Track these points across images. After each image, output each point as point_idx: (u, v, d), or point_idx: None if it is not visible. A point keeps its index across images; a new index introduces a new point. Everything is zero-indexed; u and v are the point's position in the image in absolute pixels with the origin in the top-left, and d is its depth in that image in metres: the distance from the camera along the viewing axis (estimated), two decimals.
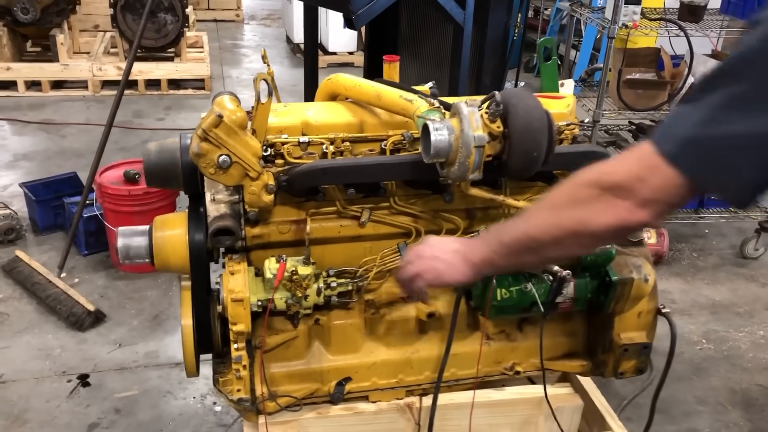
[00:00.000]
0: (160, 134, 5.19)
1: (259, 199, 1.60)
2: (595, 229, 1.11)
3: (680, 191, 1.02)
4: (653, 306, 1.93)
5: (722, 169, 0.99)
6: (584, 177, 1.13)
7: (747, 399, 2.81)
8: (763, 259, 3.84)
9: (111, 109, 3.34)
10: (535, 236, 1.20)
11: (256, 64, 7.20)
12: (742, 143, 0.95)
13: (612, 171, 1.09)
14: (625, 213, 1.07)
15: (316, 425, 1.89)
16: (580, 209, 1.12)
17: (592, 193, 1.10)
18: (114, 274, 3.39)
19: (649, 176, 1.03)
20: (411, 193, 1.80)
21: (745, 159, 0.96)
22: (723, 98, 0.96)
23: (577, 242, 1.17)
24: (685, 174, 1.00)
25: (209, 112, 1.52)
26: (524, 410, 2.03)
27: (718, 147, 0.97)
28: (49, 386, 2.65)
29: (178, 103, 5.91)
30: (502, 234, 1.29)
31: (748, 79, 0.94)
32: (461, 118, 1.43)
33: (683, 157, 1.00)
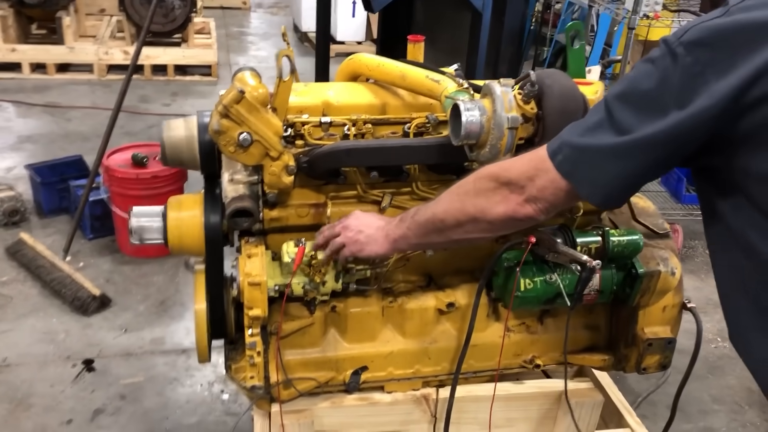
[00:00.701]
0: (166, 119, 5.12)
1: (279, 180, 1.54)
2: (491, 218, 1.27)
3: (559, 193, 1.17)
4: (678, 300, 1.87)
5: (586, 172, 1.13)
6: (488, 170, 1.28)
7: (763, 399, 2.75)
8: None
9: (119, 93, 3.28)
10: (443, 218, 1.35)
11: (262, 52, 7.15)
12: (601, 154, 1.10)
13: (509, 168, 1.24)
14: (515, 206, 1.22)
15: (330, 415, 1.84)
16: (480, 198, 1.28)
17: (491, 185, 1.25)
18: (120, 258, 3.34)
19: (537, 176, 1.18)
20: (433, 179, 1.74)
21: (605, 167, 1.10)
22: (601, 118, 1.10)
23: (476, 227, 1.32)
24: (559, 172, 1.14)
25: (230, 88, 1.47)
26: (543, 405, 1.98)
27: (584, 153, 1.12)
28: (54, 371, 2.60)
29: (185, 89, 5.85)
30: (417, 214, 1.43)
31: (622, 110, 1.08)
32: (494, 99, 1.37)
33: (558, 155, 1.15)
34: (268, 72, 5.91)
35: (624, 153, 1.07)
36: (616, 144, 1.07)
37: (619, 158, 1.08)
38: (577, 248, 1.70)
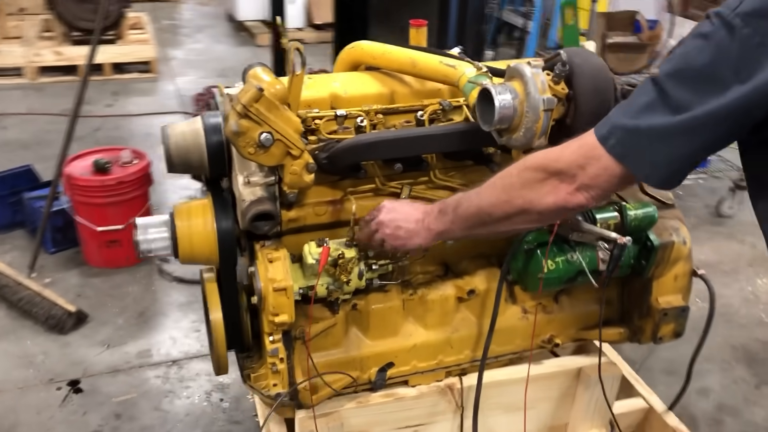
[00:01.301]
0: (111, 121, 4.91)
1: (300, 179, 1.47)
2: (541, 209, 1.25)
3: (613, 179, 1.15)
4: (689, 268, 1.91)
5: (642, 153, 1.10)
6: (534, 161, 1.25)
7: (749, 354, 2.86)
8: (737, 216, 3.92)
9: (76, 95, 3.11)
10: (490, 212, 1.32)
11: (199, 45, 6.92)
12: (659, 134, 1.07)
13: (558, 158, 1.21)
14: (566, 196, 1.20)
15: (357, 415, 1.80)
16: (528, 190, 1.25)
17: (539, 176, 1.23)
18: (88, 271, 3.17)
19: (588, 165, 1.16)
20: (449, 166, 1.71)
21: (662, 147, 1.08)
22: (653, 98, 1.08)
23: (525, 219, 1.29)
24: (612, 156, 1.12)
25: (246, 86, 1.38)
26: (563, 383, 1.99)
27: (640, 135, 1.09)
28: (37, 396, 2.45)
29: (125, 88, 5.61)
30: (458, 207, 1.40)
31: (676, 87, 1.06)
32: (525, 81, 1.34)
33: (609, 139, 1.12)
34: (209, 64, 5.78)
35: (684, 131, 1.05)
36: (675, 123, 1.05)
37: (678, 137, 1.06)
38: (597, 225, 1.70)
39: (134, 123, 4.97)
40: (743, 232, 3.79)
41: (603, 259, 1.75)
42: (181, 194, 3.89)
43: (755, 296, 3.25)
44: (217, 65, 6.27)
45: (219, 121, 1.55)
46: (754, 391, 2.65)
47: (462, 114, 1.63)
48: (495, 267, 1.86)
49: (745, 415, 2.54)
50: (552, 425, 2.05)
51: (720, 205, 3.91)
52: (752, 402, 2.60)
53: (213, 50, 6.77)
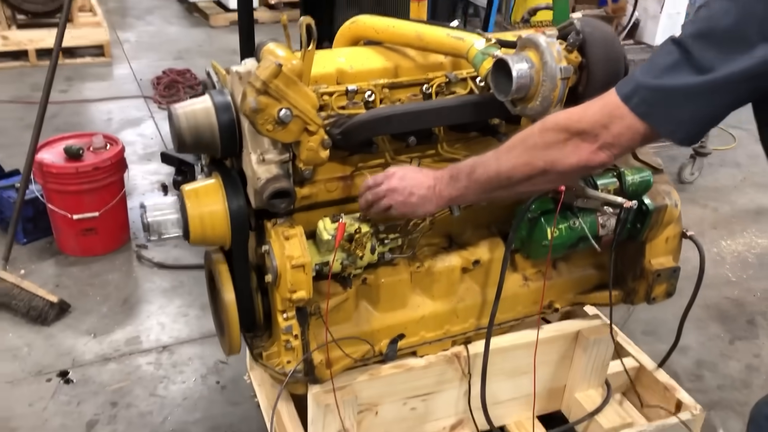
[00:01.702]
0: (68, 107, 4.76)
1: (316, 155, 1.48)
2: (563, 169, 1.27)
3: (636, 136, 1.19)
4: (679, 230, 1.98)
5: (666, 112, 1.14)
6: (555, 122, 1.27)
7: (720, 312, 2.99)
8: (698, 182, 4.07)
9: (45, 81, 3.01)
10: (510, 175, 1.34)
11: (151, 27, 6.74)
12: (684, 93, 1.11)
13: (580, 118, 1.23)
14: (589, 155, 1.23)
15: (368, 387, 1.83)
16: (550, 151, 1.27)
17: (561, 137, 1.25)
18: (64, 260, 3.10)
19: (611, 123, 1.19)
20: (453, 138, 1.73)
21: (686, 106, 1.12)
22: (677, 58, 1.12)
23: (546, 179, 1.33)
24: (636, 114, 1.15)
25: (264, 62, 1.38)
26: (561, 347, 2.05)
27: (664, 94, 1.13)
28: (28, 389, 2.40)
29: (78, 72, 5.43)
30: (473, 172, 1.41)
31: (701, 48, 1.10)
32: (541, 51, 1.37)
33: (633, 98, 1.16)
34: (163, 47, 5.66)
35: (709, 90, 1.10)
36: (700, 82, 1.09)
37: (703, 96, 1.11)
38: (598, 191, 1.75)
39: (93, 109, 4.84)
40: (705, 197, 3.94)
41: (602, 224, 1.82)
42: (151, 179, 3.83)
43: (721, 257, 3.39)
44: (172, 47, 6.13)
45: (229, 99, 1.54)
46: (729, 346, 2.79)
47: (467, 86, 1.66)
48: (497, 236, 1.90)
49: (722, 369, 2.67)
50: (551, 387, 2.12)
51: (681, 172, 4.05)
52: (727, 356, 2.73)
53: (166, 32, 6.61)
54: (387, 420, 1.91)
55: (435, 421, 1.99)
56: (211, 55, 5.93)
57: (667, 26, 3.41)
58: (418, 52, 1.72)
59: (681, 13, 3.42)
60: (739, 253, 3.42)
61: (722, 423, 2.40)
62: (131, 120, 4.64)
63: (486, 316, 1.89)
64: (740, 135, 4.55)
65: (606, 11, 3.59)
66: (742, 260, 3.37)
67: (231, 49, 6.03)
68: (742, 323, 2.92)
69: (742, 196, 3.98)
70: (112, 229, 3.14)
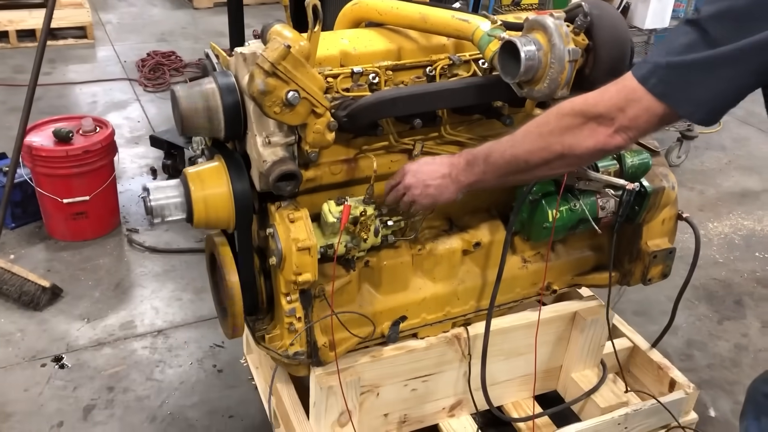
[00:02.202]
0: (52, 90, 4.68)
1: (323, 137, 1.48)
2: (580, 152, 1.29)
3: (653, 119, 1.19)
4: (674, 212, 2.01)
5: (685, 91, 1.14)
6: (571, 106, 1.28)
7: (708, 293, 3.04)
8: (684, 165, 4.12)
9: (34, 63, 2.94)
10: (527, 159, 1.36)
11: (133, 8, 6.63)
12: (702, 67, 1.11)
13: (597, 102, 1.24)
14: (605, 138, 1.24)
15: (370, 369, 1.84)
16: (567, 135, 1.28)
17: (577, 121, 1.26)
18: (54, 245, 3.06)
19: (628, 107, 1.20)
20: (456, 120, 1.73)
21: (705, 83, 1.12)
22: (693, 38, 1.12)
23: (563, 163, 1.34)
24: (654, 95, 1.16)
25: (272, 44, 1.37)
26: (559, 327, 2.08)
27: (683, 70, 1.13)
28: (22, 374, 2.38)
29: (61, 54, 5.34)
30: (490, 156, 1.42)
31: (718, 27, 1.10)
32: (549, 33, 1.38)
33: (650, 79, 1.16)
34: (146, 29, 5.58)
35: (726, 62, 1.08)
36: (718, 53, 1.08)
37: (721, 68, 1.09)
38: (600, 173, 1.77)
39: (77, 91, 4.76)
40: (692, 180, 3.99)
41: (602, 206, 1.84)
42: (140, 163, 3.79)
43: (708, 239, 3.44)
44: (155, 29, 6.05)
45: (233, 80, 1.53)
46: (717, 326, 2.84)
47: (470, 68, 1.66)
48: (497, 219, 1.91)
49: (711, 348, 2.71)
50: (547, 368, 2.15)
51: (668, 155, 4.09)
52: (716, 336, 2.78)
53: (148, 14, 6.51)
54: (388, 401, 1.92)
55: (435, 401, 2.01)
56: (195, 38, 5.87)
57: (657, 9, 3.42)
58: (420, 34, 1.71)
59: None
60: (725, 235, 3.47)
61: (712, 401, 2.44)
62: (117, 103, 4.58)
63: (486, 298, 1.90)
64: (725, 119, 4.58)
65: None
66: (729, 242, 3.42)
67: (216, 31, 5.96)
68: (729, 303, 2.97)
69: (728, 179, 4.04)
70: (102, 213, 3.11)
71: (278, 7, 6.63)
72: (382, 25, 1.76)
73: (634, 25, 3.51)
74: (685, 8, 3.70)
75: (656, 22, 3.47)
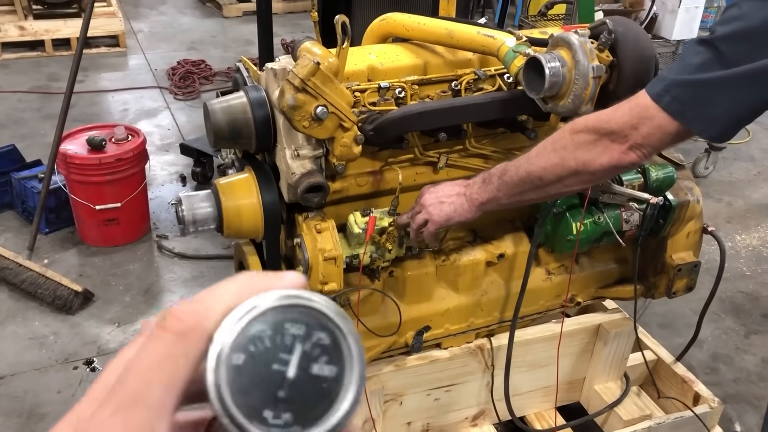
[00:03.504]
0: (85, 97, 4.79)
1: (350, 151, 1.51)
2: (594, 169, 1.30)
3: (666, 136, 1.21)
4: (700, 225, 2.01)
5: (699, 109, 1.16)
6: (585, 123, 1.29)
7: (735, 306, 3.02)
8: (711, 176, 4.09)
9: (71, 71, 3.04)
10: (541, 176, 1.37)
11: (164, 17, 6.76)
12: (717, 85, 1.13)
13: (609, 119, 1.26)
14: (619, 155, 1.26)
15: (394, 378, 1.86)
16: (581, 152, 1.29)
17: (591, 138, 1.28)
18: (86, 250, 3.14)
19: (641, 124, 1.21)
20: (481, 134, 1.76)
21: (719, 101, 1.14)
22: (707, 57, 1.15)
23: (577, 180, 1.35)
24: (668, 113, 1.18)
25: (302, 60, 1.40)
26: (582, 339, 2.09)
27: (698, 88, 1.15)
28: (55, 376, 2.45)
29: (94, 62, 5.46)
30: (505, 174, 1.44)
31: (732, 47, 1.12)
32: (573, 49, 1.40)
33: (665, 97, 1.18)
34: (176, 37, 5.66)
35: (741, 81, 1.11)
36: (732, 73, 1.11)
37: (735, 87, 1.12)
38: (624, 187, 1.78)
39: (109, 99, 4.87)
40: (719, 191, 3.96)
41: (626, 219, 1.84)
42: (170, 170, 3.87)
43: (735, 251, 3.41)
44: (185, 38, 6.16)
45: (263, 95, 1.57)
46: (744, 340, 2.82)
47: (495, 83, 1.68)
48: (521, 231, 1.93)
49: (737, 362, 2.69)
50: (571, 380, 2.16)
51: (696, 166, 4.06)
52: (743, 350, 2.76)
53: (179, 23, 6.63)
54: (411, 410, 1.95)
55: (457, 411, 2.03)
56: (225, 46, 5.96)
57: (685, 20, 3.41)
58: (446, 49, 1.74)
59: (699, 8, 3.42)
60: (753, 248, 3.44)
61: (738, 416, 2.43)
62: (147, 111, 4.67)
63: (509, 309, 1.92)
64: (754, 129, 4.56)
65: (624, 5, 3.60)
66: (757, 254, 3.39)
67: (245, 40, 6.06)
68: (757, 317, 2.95)
69: (757, 191, 4.00)
70: (133, 219, 3.19)
71: (306, 17, 6.72)
72: (408, 41, 1.79)
73: (662, 36, 3.50)
74: (713, 19, 3.68)
75: (684, 33, 3.46)
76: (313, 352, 0.42)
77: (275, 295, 0.42)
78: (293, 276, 0.44)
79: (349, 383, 0.43)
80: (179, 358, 0.40)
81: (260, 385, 0.41)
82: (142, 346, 0.41)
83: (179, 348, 0.41)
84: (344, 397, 0.43)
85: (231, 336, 0.41)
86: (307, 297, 0.42)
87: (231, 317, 0.41)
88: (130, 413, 0.39)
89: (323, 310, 0.42)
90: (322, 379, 0.42)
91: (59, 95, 4.87)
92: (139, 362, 0.40)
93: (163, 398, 0.40)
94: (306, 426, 0.42)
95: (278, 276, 0.44)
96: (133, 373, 0.40)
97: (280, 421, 0.41)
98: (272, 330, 0.42)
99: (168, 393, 0.40)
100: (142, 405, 0.40)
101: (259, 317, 0.41)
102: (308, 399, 0.42)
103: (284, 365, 0.42)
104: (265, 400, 0.41)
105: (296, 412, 0.42)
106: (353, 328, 0.43)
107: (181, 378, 0.40)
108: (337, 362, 0.43)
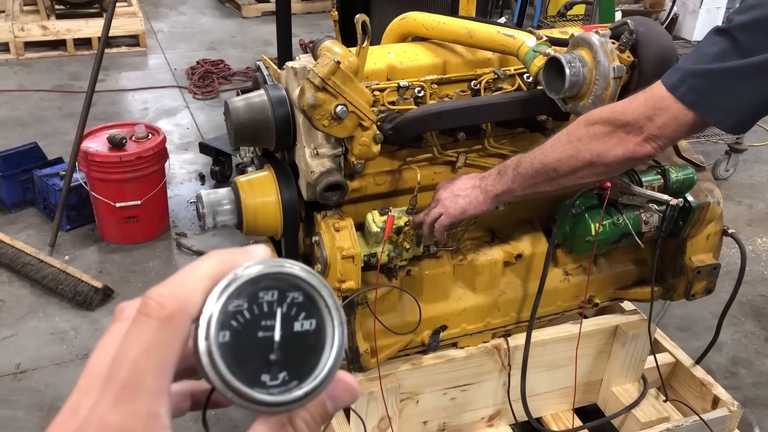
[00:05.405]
0: (105, 96, 4.84)
1: (369, 150, 1.52)
2: (609, 161, 1.30)
3: (681, 127, 1.20)
4: (720, 227, 1.99)
5: (716, 98, 1.15)
6: (600, 115, 1.29)
7: (755, 309, 2.99)
8: (732, 179, 4.05)
9: (92, 71, 3.07)
10: (555, 167, 1.37)
11: (184, 17, 6.81)
12: (734, 75, 1.13)
13: (624, 111, 1.25)
14: (634, 147, 1.25)
15: (410, 377, 1.87)
16: (596, 143, 1.29)
17: (606, 129, 1.27)
18: (106, 247, 3.18)
19: (656, 116, 1.21)
20: (500, 134, 1.76)
21: (736, 91, 1.13)
22: (725, 46, 1.14)
23: (592, 171, 1.35)
24: (684, 103, 1.17)
25: (322, 59, 1.41)
26: (600, 340, 2.08)
27: (714, 78, 1.14)
28: (75, 371, 2.48)
29: (114, 62, 5.52)
30: (519, 166, 1.44)
31: (750, 36, 1.12)
32: (594, 50, 1.39)
33: (681, 87, 1.17)
34: (196, 37, 5.70)
35: (758, 70, 1.10)
36: (750, 62, 1.10)
37: (752, 76, 1.11)
38: (643, 188, 1.77)
39: (129, 98, 4.92)
40: (740, 194, 3.92)
41: (645, 221, 1.83)
42: (189, 169, 3.90)
43: (756, 254, 3.38)
44: (205, 38, 6.20)
45: (284, 93, 1.58)
46: (764, 344, 2.79)
47: (515, 82, 1.68)
48: (539, 231, 1.93)
49: (758, 366, 2.67)
50: (588, 381, 2.15)
51: (716, 168, 4.03)
52: (763, 354, 2.73)
53: (198, 22, 6.68)
54: (427, 409, 1.95)
55: (473, 411, 2.02)
56: (244, 46, 6.00)
57: (706, 21, 3.39)
58: (465, 49, 1.74)
59: (721, 8, 3.39)
60: None
61: (758, 420, 2.40)
62: (167, 110, 4.71)
63: (527, 309, 1.92)
64: None
65: (644, 5, 3.58)
66: None
67: (264, 40, 6.09)
68: None
69: None
70: (152, 217, 3.22)
71: (325, 17, 6.74)
72: (428, 40, 1.79)
73: (682, 37, 3.48)
74: None
75: (705, 34, 3.43)
76: (291, 311, 0.46)
77: (248, 270, 0.44)
78: (261, 249, 0.47)
79: (330, 331, 0.46)
80: (167, 343, 0.42)
81: (252, 354, 0.45)
82: (129, 335, 0.43)
83: (166, 334, 0.42)
84: (330, 344, 0.46)
85: (214, 317, 0.43)
86: (277, 264, 0.45)
87: (210, 298, 0.44)
88: (130, 403, 0.41)
89: (291, 271, 0.45)
90: (305, 334, 0.46)
91: (80, 94, 4.94)
92: (128, 351, 0.42)
93: (158, 383, 0.42)
94: (302, 379, 0.45)
95: (246, 251, 0.46)
96: (124, 363, 0.42)
97: (278, 381, 0.45)
98: (249, 302, 0.45)
99: (161, 377, 0.42)
100: (139, 393, 0.41)
101: (235, 293, 0.44)
102: (298, 355, 0.45)
103: (269, 331, 0.45)
104: (260, 366, 0.45)
105: (290, 369, 0.45)
106: (322, 280, 0.46)
107: (171, 361, 0.42)
108: (316, 315, 0.46)
